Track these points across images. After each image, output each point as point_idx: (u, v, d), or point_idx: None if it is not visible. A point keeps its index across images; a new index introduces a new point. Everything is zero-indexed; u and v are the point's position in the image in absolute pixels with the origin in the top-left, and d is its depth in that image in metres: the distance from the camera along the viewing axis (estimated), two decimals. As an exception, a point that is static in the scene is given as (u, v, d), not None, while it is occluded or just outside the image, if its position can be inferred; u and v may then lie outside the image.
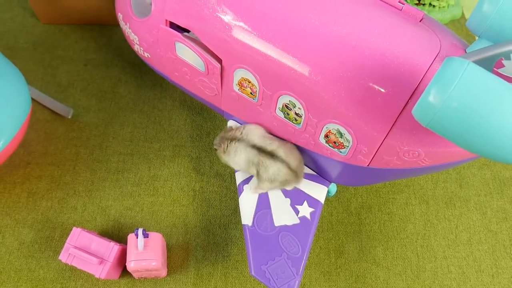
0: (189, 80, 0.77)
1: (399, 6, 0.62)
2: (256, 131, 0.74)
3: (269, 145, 0.72)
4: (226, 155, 0.75)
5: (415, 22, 0.61)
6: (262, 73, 0.65)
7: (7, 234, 0.80)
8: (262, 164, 0.71)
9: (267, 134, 0.74)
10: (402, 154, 0.62)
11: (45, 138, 0.88)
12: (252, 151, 0.72)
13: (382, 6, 0.62)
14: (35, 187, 0.84)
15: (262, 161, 0.71)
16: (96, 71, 0.95)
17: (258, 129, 0.74)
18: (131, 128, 0.89)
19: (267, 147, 0.72)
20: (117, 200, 0.83)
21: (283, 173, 0.71)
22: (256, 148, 0.72)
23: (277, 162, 0.71)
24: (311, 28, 0.61)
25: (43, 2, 0.94)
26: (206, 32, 0.67)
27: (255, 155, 0.72)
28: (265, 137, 0.73)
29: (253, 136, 0.73)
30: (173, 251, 0.79)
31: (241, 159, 0.73)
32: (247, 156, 0.73)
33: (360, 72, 0.59)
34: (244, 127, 0.75)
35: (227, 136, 0.75)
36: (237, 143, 0.73)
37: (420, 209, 0.82)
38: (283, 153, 0.71)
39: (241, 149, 0.73)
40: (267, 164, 0.71)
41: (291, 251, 0.70)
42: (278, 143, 0.72)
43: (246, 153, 0.73)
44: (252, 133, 0.74)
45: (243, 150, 0.73)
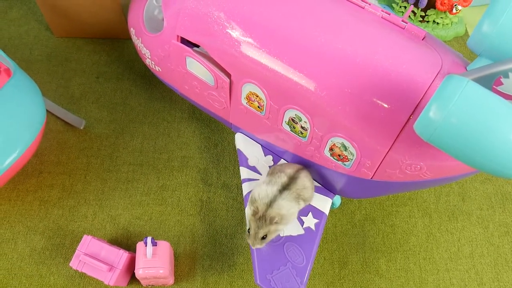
0: (198, 93, 0.80)
1: (402, 25, 0.65)
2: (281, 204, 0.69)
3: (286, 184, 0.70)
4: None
5: (417, 40, 0.64)
6: (269, 88, 0.67)
7: (19, 241, 0.82)
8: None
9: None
10: (405, 168, 0.63)
11: (58, 148, 0.91)
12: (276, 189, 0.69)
13: (386, 25, 0.65)
14: (47, 196, 0.86)
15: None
16: (108, 84, 0.98)
17: (283, 202, 0.69)
18: (141, 139, 0.92)
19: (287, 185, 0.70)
20: (127, 209, 0.85)
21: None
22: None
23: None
24: (317, 45, 0.63)
25: (58, 16, 0.98)
26: (216, 48, 0.70)
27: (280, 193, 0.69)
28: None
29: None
30: (180, 260, 0.81)
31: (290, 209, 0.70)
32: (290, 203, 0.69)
33: (364, 88, 0.61)
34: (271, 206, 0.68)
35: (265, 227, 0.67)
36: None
37: (423, 222, 0.84)
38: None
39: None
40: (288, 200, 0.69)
41: (296, 261, 0.72)
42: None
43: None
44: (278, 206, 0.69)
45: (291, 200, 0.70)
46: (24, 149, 0.75)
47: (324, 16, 0.65)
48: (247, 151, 0.80)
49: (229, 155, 0.90)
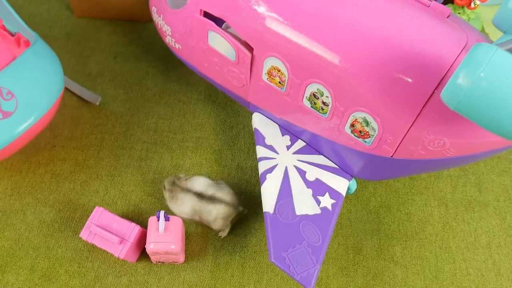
0: (218, 70, 0.80)
1: (427, 3, 0.65)
2: (200, 181, 0.79)
3: (209, 191, 0.77)
4: (173, 202, 0.78)
5: (442, 17, 0.64)
6: (292, 62, 0.67)
7: (28, 212, 0.81)
8: (204, 209, 0.76)
9: (210, 182, 0.79)
10: (427, 143, 0.63)
11: (72, 123, 0.90)
12: (194, 199, 0.76)
13: (411, 2, 0.65)
14: (59, 169, 0.85)
15: (204, 207, 0.76)
16: (125, 64, 0.98)
17: (202, 178, 0.79)
18: (156, 119, 0.91)
19: (207, 193, 0.77)
20: (139, 186, 0.84)
21: (223, 211, 0.76)
22: (197, 195, 0.77)
23: (216, 204, 0.76)
24: (342, 19, 0.63)
25: (80, -3, 0.99)
26: (239, 22, 0.70)
27: (197, 202, 0.76)
28: (208, 184, 0.78)
29: (195, 185, 0.78)
30: (191, 239, 0.79)
31: (186, 207, 0.77)
32: (191, 205, 0.77)
33: (388, 61, 0.60)
34: (191, 178, 0.79)
35: (179, 184, 0.78)
36: (184, 193, 0.77)
37: (439, 211, 0.82)
38: (220, 194, 0.77)
39: (188, 199, 0.77)
40: (209, 209, 0.76)
41: (312, 240, 0.70)
42: (216, 188, 0.78)
43: (191, 201, 0.77)
44: (196, 182, 0.78)
45: (189, 199, 0.77)
46: (40, 115, 0.74)
47: None
48: (264, 130, 0.80)
49: (244, 138, 0.90)
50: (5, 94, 0.70)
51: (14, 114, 0.71)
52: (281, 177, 0.75)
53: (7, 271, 0.75)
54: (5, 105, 0.70)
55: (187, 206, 0.77)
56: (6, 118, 0.70)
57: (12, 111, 0.70)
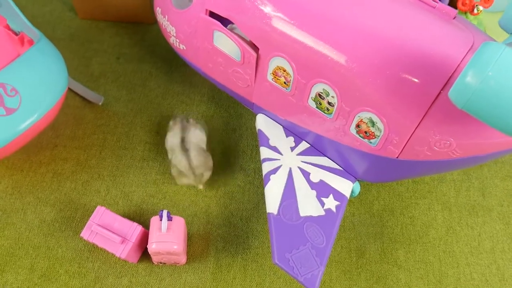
0: (222, 71, 0.79)
1: (433, 4, 0.65)
2: (197, 139, 0.83)
3: (189, 143, 0.82)
4: (174, 130, 0.83)
5: (448, 18, 0.64)
6: (298, 61, 0.67)
7: (28, 211, 0.80)
8: (173, 151, 0.82)
9: (201, 149, 0.82)
10: (433, 144, 0.62)
11: (74, 123, 0.89)
12: (178, 140, 0.82)
13: (417, 3, 0.65)
14: (60, 168, 0.84)
15: (174, 149, 0.82)
16: (128, 65, 0.98)
17: (202, 134, 0.84)
18: (159, 120, 0.91)
19: (186, 144, 0.82)
20: (141, 186, 0.83)
21: (182, 165, 0.80)
22: (182, 140, 0.82)
23: (184, 155, 0.80)
24: (349, 19, 0.63)
25: None
26: (245, 21, 0.70)
27: (177, 145, 0.82)
28: (198, 148, 0.82)
29: (191, 136, 0.82)
30: (193, 240, 0.78)
31: (173, 140, 0.83)
32: (174, 142, 0.82)
33: (395, 61, 0.60)
34: (195, 129, 0.84)
35: (183, 123, 0.84)
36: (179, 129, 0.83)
37: (443, 216, 0.82)
38: (193, 151, 0.81)
39: (177, 134, 0.83)
40: (177, 153, 0.81)
41: (316, 241, 0.69)
42: (197, 149, 0.81)
43: (176, 139, 0.82)
44: (193, 136, 0.83)
45: (177, 135, 0.83)
46: (43, 113, 0.73)
47: None
48: (268, 131, 0.79)
49: (247, 140, 0.89)
50: (9, 90, 0.70)
51: (18, 111, 0.70)
52: (285, 178, 0.75)
53: (6, 270, 0.74)
54: (9, 101, 0.70)
55: (171, 141, 0.82)
56: (10, 114, 0.69)
57: (16, 108, 0.70)
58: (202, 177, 0.81)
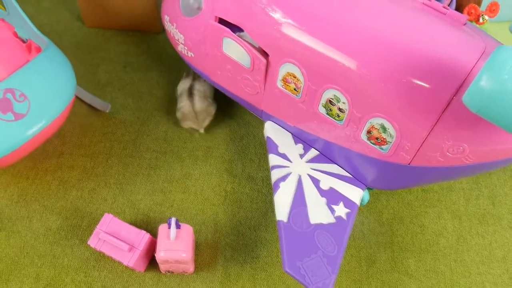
0: (231, 78, 0.79)
1: (443, 11, 0.65)
2: (206, 84, 0.90)
3: (195, 89, 0.89)
4: (185, 79, 0.91)
5: (459, 25, 0.64)
6: (309, 67, 0.67)
7: (34, 219, 0.79)
8: (181, 96, 0.89)
9: (207, 100, 0.90)
10: (446, 150, 0.62)
11: (81, 130, 0.89)
12: (186, 86, 0.89)
13: (427, 10, 0.65)
14: (67, 176, 0.84)
15: (183, 94, 0.89)
16: (135, 73, 0.98)
17: (209, 85, 0.91)
18: (166, 128, 0.90)
19: (193, 90, 0.89)
20: (148, 194, 0.82)
21: (186, 108, 0.87)
22: (190, 86, 0.90)
23: (188, 99, 0.88)
24: (360, 25, 0.64)
25: (92, 6, 0.99)
26: (255, 28, 0.70)
27: (185, 90, 0.89)
28: (206, 90, 0.90)
29: (199, 82, 0.90)
30: (201, 249, 0.77)
31: (182, 86, 0.90)
32: (183, 87, 0.90)
33: (407, 67, 0.60)
34: (203, 84, 0.90)
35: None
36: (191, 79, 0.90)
37: (453, 224, 0.81)
38: (197, 97, 0.88)
39: (187, 82, 0.90)
40: (183, 97, 0.88)
41: (327, 249, 0.68)
42: (201, 95, 0.89)
43: (185, 85, 0.90)
44: (204, 83, 0.91)
45: (187, 82, 0.90)
46: (51, 119, 0.73)
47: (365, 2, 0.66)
48: (277, 139, 0.79)
49: (255, 148, 0.89)
50: (18, 96, 0.69)
51: (26, 116, 0.69)
52: (294, 186, 0.74)
53: (11, 279, 0.73)
54: (18, 106, 0.69)
55: (181, 87, 0.90)
56: (19, 119, 0.69)
57: (24, 113, 0.69)
58: (204, 122, 0.88)
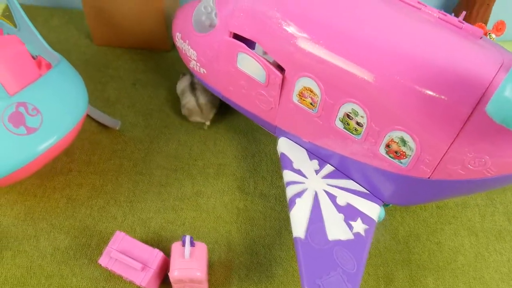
0: (244, 94, 0.79)
1: (459, 25, 0.66)
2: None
3: (196, 84, 0.91)
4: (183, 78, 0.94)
5: (475, 39, 0.65)
6: (326, 81, 0.67)
7: (41, 238, 0.76)
8: (183, 93, 0.91)
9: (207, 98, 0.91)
10: (468, 162, 0.61)
11: (90, 148, 0.87)
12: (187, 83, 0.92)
13: (443, 24, 0.66)
14: (75, 194, 0.82)
15: (185, 91, 0.91)
16: (144, 91, 0.97)
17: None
18: (176, 145, 0.89)
19: (194, 85, 0.91)
20: (158, 212, 0.81)
21: (191, 104, 0.89)
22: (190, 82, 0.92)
23: (192, 94, 0.90)
24: (379, 39, 0.64)
25: (101, 25, 0.99)
26: (271, 43, 0.70)
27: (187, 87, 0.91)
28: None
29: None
30: (215, 268, 0.75)
31: (182, 84, 0.93)
32: (184, 85, 0.92)
33: (427, 80, 0.60)
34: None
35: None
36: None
37: (470, 241, 0.80)
38: (199, 91, 0.90)
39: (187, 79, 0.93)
40: (186, 94, 0.91)
41: (346, 266, 0.67)
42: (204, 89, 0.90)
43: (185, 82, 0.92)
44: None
45: (186, 80, 0.92)
46: (63, 134, 0.72)
47: (382, 14, 0.66)
48: (292, 155, 0.78)
49: (267, 165, 0.88)
50: (31, 109, 0.68)
51: (39, 131, 0.68)
52: (311, 202, 0.73)
53: (17, 300, 0.70)
54: (30, 120, 0.68)
55: (182, 85, 0.92)
56: (31, 133, 0.67)
57: (37, 127, 0.68)
58: (209, 114, 0.90)
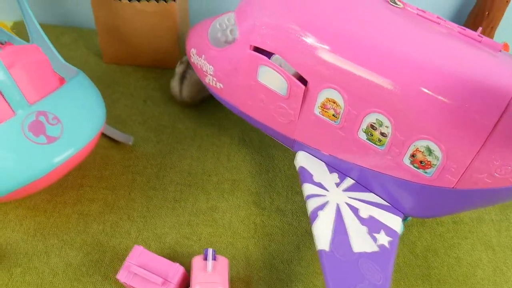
0: (262, 108, 0.79)
1: (478, 39, 0.68)
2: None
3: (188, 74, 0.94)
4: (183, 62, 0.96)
5: (495, 51, 0.67)
6: (351, 92, 0.67)
7: (52, 255, 0.73)
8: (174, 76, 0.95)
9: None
10: (494, 170, 0.62)
11: (101, 163, 0.86)
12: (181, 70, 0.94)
13: (463, 38, 0.68)
14: (87, 209, 0.79)
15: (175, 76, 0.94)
16: (155, 107, 0.96)
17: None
18: (189, 161, 0.88)
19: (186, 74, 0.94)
20: (174, 228, 0.78)
21: (174, 91, 0.95)
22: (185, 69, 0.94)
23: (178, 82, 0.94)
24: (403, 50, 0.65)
25: (113, 43, 0.99)
26: (294, 55, 0.70)
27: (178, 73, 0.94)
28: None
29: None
30: (234, 283, 0.73)
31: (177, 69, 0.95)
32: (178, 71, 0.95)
33: (453, 88, 0.61)
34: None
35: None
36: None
37: (487, 255, 0.80)
38: (186, 84, 0.93)
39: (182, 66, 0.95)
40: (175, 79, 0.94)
41: (373, 279, 0.65)
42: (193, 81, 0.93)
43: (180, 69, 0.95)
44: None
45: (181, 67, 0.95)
46: (83, 145, 0.70)
47: (403, 27, 0.68)
48: (311, 168, 0.78)
49: (281, 181, 0.87)
50: (51, 118, 0.67)
51: (59, 140, 0.66)
52: (333, 214, 0.72)
53: (28, 319, 0.66)
54: (51, 130, 0.66)
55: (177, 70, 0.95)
56: (51, 143, 0.66)
57: (57, 137, 0.66)
58: (185, 104, 0.96)
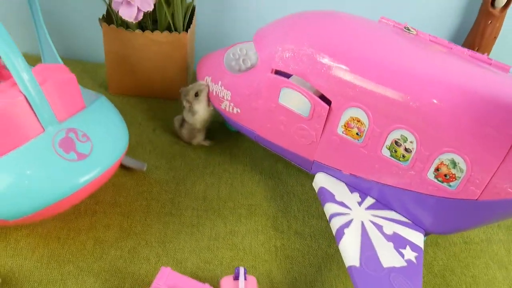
0: (281, 131, 0.80)
1: (488, 61, 0.74)
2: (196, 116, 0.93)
3: (186, 123, 0.94)
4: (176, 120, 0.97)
5: (505, 72, 0.72)
6: (376, 110, 0.70)
7: (69, 282, 0.69)
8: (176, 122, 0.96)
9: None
10: (516, 180, 0.65)
11: (114, 189, 0.83)
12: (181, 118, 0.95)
13: (475, 61, 0.74)
14: (103, 235, 0.76)
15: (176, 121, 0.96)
16: (165, 136, 0.96)
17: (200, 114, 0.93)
18: (203, 187, 0.87)
19: (185, 123, 0.94)
20: (194, 253, 0.76)
21: (175, 128, 0.96)
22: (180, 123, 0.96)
23: (178, 126, 0.95)
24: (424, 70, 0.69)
25: (120, 74, 1.00)
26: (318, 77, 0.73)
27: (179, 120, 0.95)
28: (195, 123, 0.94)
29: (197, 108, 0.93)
30: (261, 307, 0.71)
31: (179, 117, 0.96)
32: (178, 118, 0.96)
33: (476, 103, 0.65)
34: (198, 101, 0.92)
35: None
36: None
37: (501, 274, 0.82)
38: (184, 128, 0.94)
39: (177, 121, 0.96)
40: (176, 125, 0.95)
41: (406, 292, 0.66)
42: (189, 129, 0.94)
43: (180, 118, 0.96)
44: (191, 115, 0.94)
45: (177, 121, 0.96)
46: (111, 164, 0.69)
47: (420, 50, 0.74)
48: (332, 188, 0.79)
49: (297, 205, 0.87)
50: (81, 136, 0.65)
51: (89, 157, 0.65)
52: (359, 231, 0.73)
53: None
54: (81, 147, 0.65)
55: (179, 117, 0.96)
56: (81, 159, 0.64)
57: (87, 154, 0.65)
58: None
